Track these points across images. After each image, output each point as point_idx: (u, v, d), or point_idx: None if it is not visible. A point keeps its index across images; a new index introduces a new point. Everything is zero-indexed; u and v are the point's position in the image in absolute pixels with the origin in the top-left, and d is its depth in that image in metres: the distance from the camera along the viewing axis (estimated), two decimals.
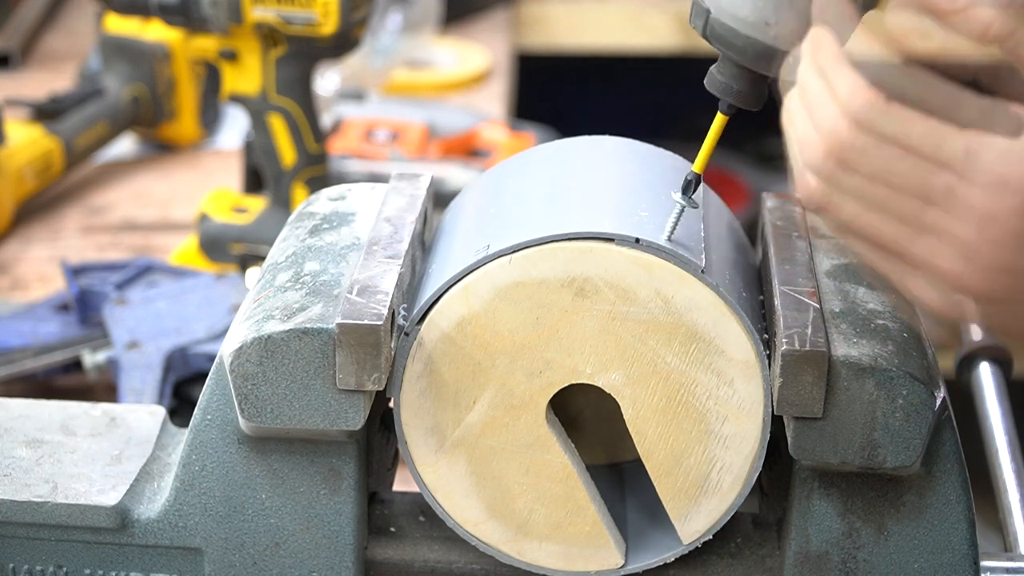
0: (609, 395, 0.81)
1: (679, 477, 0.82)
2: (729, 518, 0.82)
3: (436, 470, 0.82)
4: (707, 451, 0.81)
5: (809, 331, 0.77)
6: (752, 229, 0.93)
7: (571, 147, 0.89)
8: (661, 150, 0.89)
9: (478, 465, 0.82)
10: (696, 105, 1.09)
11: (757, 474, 0.81)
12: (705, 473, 0.81)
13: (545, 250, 0.79)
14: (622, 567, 0.84)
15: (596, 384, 0.80)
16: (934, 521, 0.80)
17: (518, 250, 0.79)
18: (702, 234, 0.82)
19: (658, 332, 0.79)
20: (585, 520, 0.83)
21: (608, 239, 0.79)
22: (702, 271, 0.79)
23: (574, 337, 0.79)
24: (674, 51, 2.47)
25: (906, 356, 0.78)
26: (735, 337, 0.79)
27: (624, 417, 0.81)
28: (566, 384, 0.81)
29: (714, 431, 0.81)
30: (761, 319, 0.82)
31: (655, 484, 0.82)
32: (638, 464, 0.83)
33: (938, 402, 0.78)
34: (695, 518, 0.82)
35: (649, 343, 0.79)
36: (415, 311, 0.80)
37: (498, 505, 0.82)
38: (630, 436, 0.81)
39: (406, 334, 0.80)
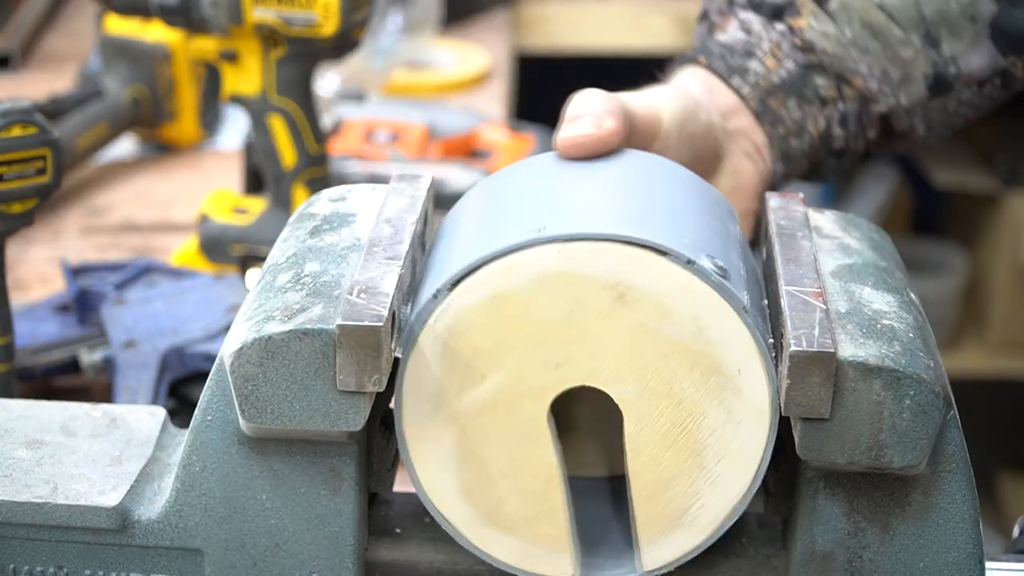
0: (611, 408, 0.80)
1: (660, 504, 0.81)
2: (695, 555, 0.82)
3: (422, 436, 0.81)
4: (694, 485, 0.80)
5: (816, 332, 0.77)
6: (755, 228, 0.93)
7: (620, 155, 0.89)
8: (700, 179, 0.89)
9: (467, 443, 0.81)
10: None
11: (734, 520, 0.81)
12: (686, 506, 0.81)
13: (599, 247, 0.78)
14: None
15: (608, 392, 0.80)
16: (939, 520, 0.80)
17: (572, 240, 0.78)
18: (743, 268, 0.81)
19: (683, 356, 0.78)
20: (553, 523, 0.82)
21: (662, 252, 0.78)
22: (745, 310, 0.78)
23: (601, 340, 0.79)
24: (674, 51, 2.47)
25: (913, 356, 0.78)
26: (756, 381, 0.78)
27: (624, 431, 0.80)
28: (579, 384, 0.80)
29: (707, 467, 0.80)
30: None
31: (634, 504, 0.81)
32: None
33: (944, 402, 0.77)
34: (663, 547, 0.82)
35: (671, 365, 0.79)
36: (454, 274, 0.79)
37: (474, 487, 0.81)
38: (623, 452, 0.81)
39: (434, 296, 0.79)
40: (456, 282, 0.79)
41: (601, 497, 0.87)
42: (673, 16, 2.46)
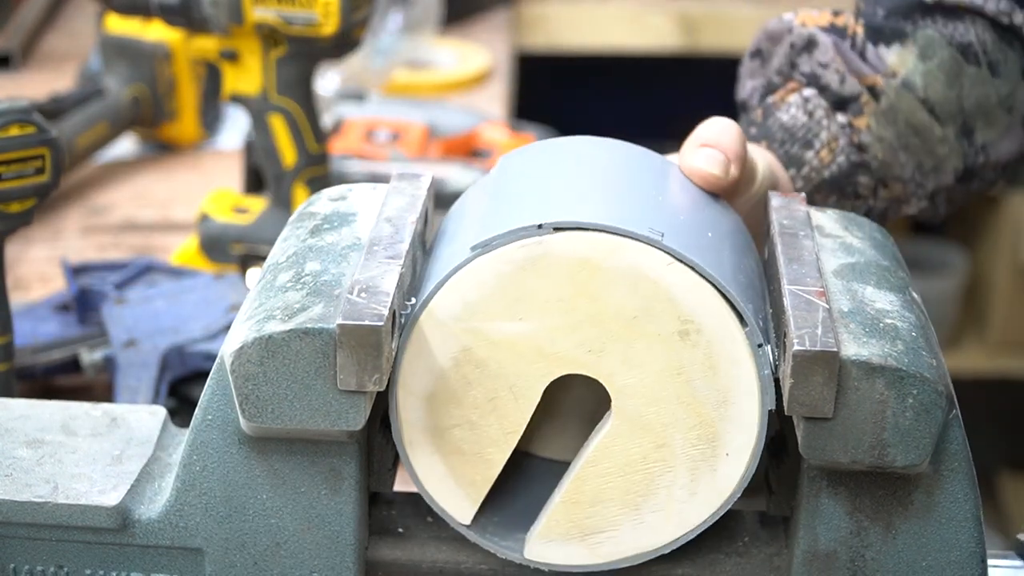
0: (598, 406, 0.80)
1: (580, 514, 0.81)
2: (576, 571, 0.82)
3: (420, 333, 0.80)
4: (620, 518, 0.81)
5: (819, 331, 0.77)
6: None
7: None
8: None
9: (462, 361, 0.80)
10: (696, 105, 1.09)
11: (631, 564, 0.81)
12: (599, 530, 0.81)
13: (696, 279, 0.78)
14: (464, 525, 0.83)
15: (613, 398, 0.80)
16: (942, 519, 0.80)
17: (678, 260, 0.78)
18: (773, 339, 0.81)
19: (696, 413, 0.79)
20: (481, 471, 0.82)
21: (744, 322, 0.78)
22: (768, 412, 0.79)
23: (641, 354, 0.79)
24: (674, 51, 2.48)
25: (915, 355, 0.78)
26: (735, 471, 0.79)
27: (597, 436, 0.80)
28: (598, 377, 0.80)
29: (641, 511, 0.80)
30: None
31: (557, 500, 0.81)
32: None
33: (947, 401, 0.77)
34: (554, 549, 0.82)
35: (682, 412, 0.79)
36: (551, 221, 0.78)
37: (439, 398, 0.81)
38: (582, 450, 0.81)
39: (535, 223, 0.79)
40: (553, 229, 0.78)
41: (553, 481, 0.87)
42: (673, 16, 2.46)
